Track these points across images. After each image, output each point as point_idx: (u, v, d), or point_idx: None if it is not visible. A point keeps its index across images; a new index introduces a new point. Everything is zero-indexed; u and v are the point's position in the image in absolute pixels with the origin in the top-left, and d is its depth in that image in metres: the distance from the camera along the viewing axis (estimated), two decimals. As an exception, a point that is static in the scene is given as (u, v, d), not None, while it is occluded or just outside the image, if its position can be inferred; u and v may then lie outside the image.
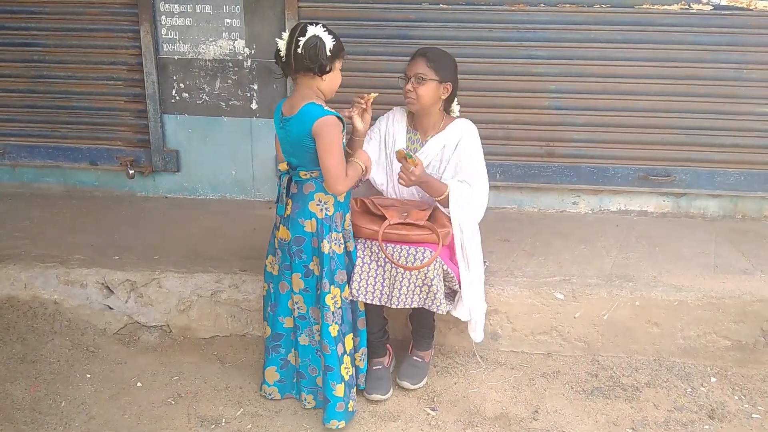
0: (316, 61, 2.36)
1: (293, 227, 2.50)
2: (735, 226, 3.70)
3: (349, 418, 2.56)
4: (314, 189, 2.47)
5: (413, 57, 2.67)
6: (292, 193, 2.50)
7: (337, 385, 2.50)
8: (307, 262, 2.51)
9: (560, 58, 3.71)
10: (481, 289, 2.74)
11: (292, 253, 2.51)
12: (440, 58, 2.65)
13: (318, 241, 2.48)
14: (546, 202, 3.95)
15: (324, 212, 2.48)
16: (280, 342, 2.64)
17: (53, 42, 4.09)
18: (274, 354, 2.66)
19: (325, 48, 2.36)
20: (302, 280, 2.53)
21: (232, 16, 3.89)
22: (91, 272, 3.16)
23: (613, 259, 3.24)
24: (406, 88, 2.65)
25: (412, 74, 2.63)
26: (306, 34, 2.36)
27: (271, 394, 2.70)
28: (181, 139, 4.12)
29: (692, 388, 2.75)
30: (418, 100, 2.64)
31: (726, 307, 2.84)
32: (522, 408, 2.66)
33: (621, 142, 3.77)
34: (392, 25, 3.80)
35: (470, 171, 2.69)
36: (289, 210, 2.51)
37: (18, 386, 2.78)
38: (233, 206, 4.06)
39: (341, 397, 2.50)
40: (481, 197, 2.72)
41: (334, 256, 2.50)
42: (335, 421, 2.51)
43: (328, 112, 2.39)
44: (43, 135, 4.23)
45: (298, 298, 2.55)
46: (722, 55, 3.60)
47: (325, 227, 2.47)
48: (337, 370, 2.50)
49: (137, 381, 2.84)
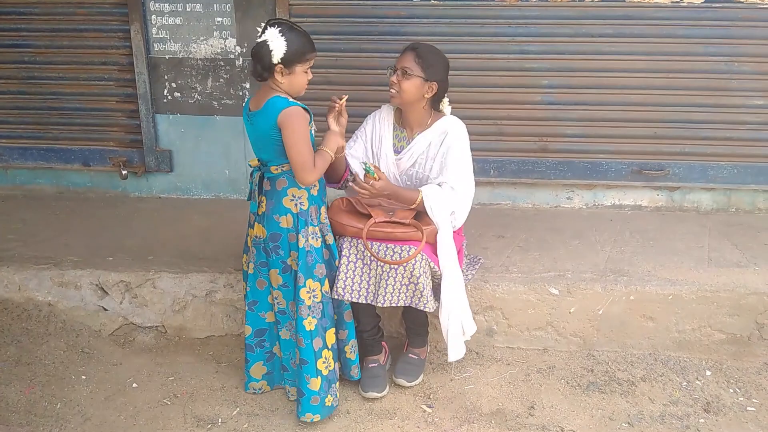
0: (264, 65, 2.37)
1: (268, 224, 2.50)
2: (729, 219, 3.70)
3: (327, 412, 2.55)
4: (287, 184, 2.48)
5: (404, 50, 2.66)
6: (265, 190, 2.51)
7: (312, 379, 2.50)
8: (284, 258, 2.51)
9: (552, 53, 3.70)
10: (463, 300, 2.62)
11: (269, 249, 2.52)
12: (430, 55, 2.63)
13: (295, 236, 2.49)
14: (540, 198, 3.95)
15: (299, 207, 2.48)
16: (264, 336, 2.66)
17: (43, 43, 4.07)
18: (258, 349, 2.67)
19: (271, 56, 2.35)
20: (280, 276, 2.53)
21: (223, 14, 3.87)
22: (85, 273, 3.15)
23: (608, 254, 3.24)
24: (390, 80, 2.63)
25: (399, 67, 2.61)
26: (261, 37, 2.38)
27: (261, 389, 2.71)
28: (174, 138, 4.11)
29: (687, 381, 2.76)
30: (399, 94, 2.62)
31: (720, 301, 2.85)
32: (518, 404, 2.66)
33: (614, 136, 3.77)
34: (384, 22, 3.79)
35: (455, 173, 2.64)
36: (264, 207, 2.51)
37: (13, 388, 2.77)
38: (227, 206, 4.05)
39: (316, 391, 2.51)
40: (464, 202, 2.66)
41: (311, 249, 2.50)
42: (309, 414, 2.52)
43: (292, 104, 2.40)
44: (35, 137, 4.22)
45: (277, 294, 2.57)
46: (714, 48, 3.60)
47: (300, 222, 2.48)
48: (312, 363, 2.51)
49: (133, 382, 2.83)
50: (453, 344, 2.62)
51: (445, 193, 2.63)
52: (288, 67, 2.38)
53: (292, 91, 2.45)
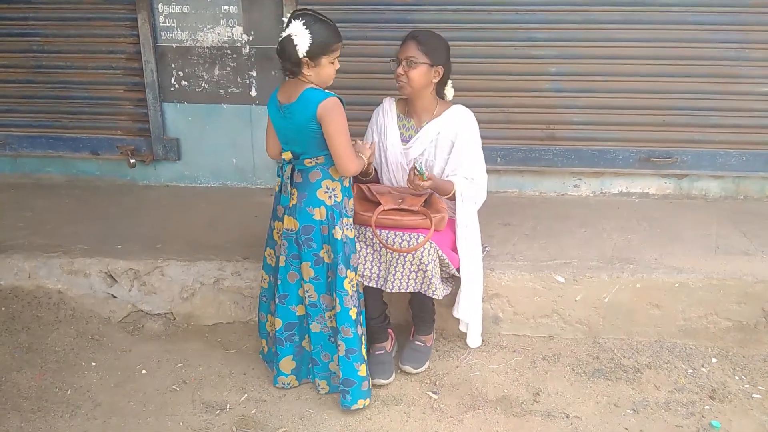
0: (290, 59, 2.35)
1: (301, 216, 2.48)
2: (737, 207, 3.69)
3: (370, 396, 2.60)
4: (321, 177, 2.46)
5: (404, 40, 2.66)
6: (297, 182, 2.49)
7: (361, 366, 2.53)
8: (317, 251, 2.50)
9: (560, 40, 3.69)
10: (480, 287, 2.75)
11: (301, 242, 2.50)
12: (431, 40, 2.63)
13: (329, 229, 2.48)
14: (547, 186, 3.94)
15: (333, 199, 2.48)
16: (294, 330, 2.64)
17: (51, 32, 4.08)
18: (288, 344, 2.65)
19: (296, 50, 2.32)
20: (312, 269, 2.52)
21: (230, 2, 3.87)
22: (95, 261, 3.18)
23: (615, 242, 3.24)
24: (397, 72, 2.64)
25: (404, 58, 2.62)
26: (286, 31, 2.35)
27: (290, 384, 2.70)
28: (181, 127, 4.12)
29: (693, 369, 2.77)
30: (409, 84, 2.63)
31: (727, 289, 2.85)
32: (523, 390, 2.68)
33: (622, 124, 3.76)
34: (390, 9, 3.78)
35: (471, 165, 2.71)
36: (295, 199, 2.49)
37: (24, 375, 2.81)
38: (234, 194, 4.06)
39: (365, 376, 2.55)
40: (482, 189, 2.76)
41: (347, 240, 2.50)
42: (361, 401, 2.55)
43: (329, 94, 2.38)
44: (44, 125, 4.24)
45: (308, 287, 2.55)
46: (723, 35, 3.57)
47: (335, 214, 2.47)
48: (359, 351, 2.53)
49: (142, 368, 2.86)
50: (475, 330, 2.76)
51: (472, 186, 2.71)
52: (314, 59, 2.35)
53: (320, 82, 2.42)
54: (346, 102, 2.44)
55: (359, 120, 2.96)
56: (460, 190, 2.68)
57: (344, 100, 2.43)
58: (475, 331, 2.78)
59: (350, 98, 3.62)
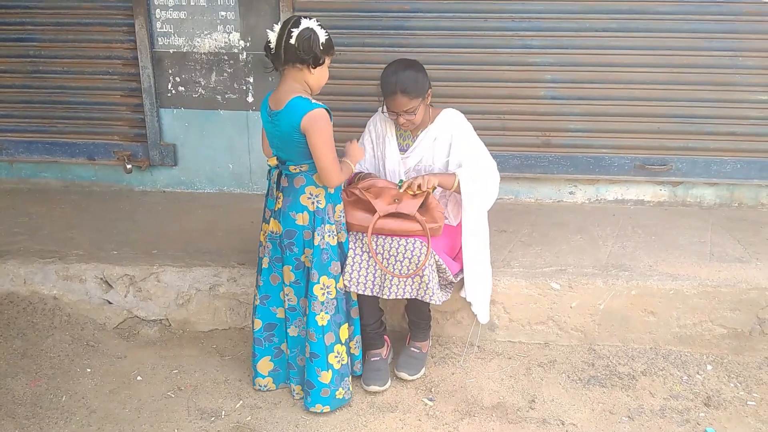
0: (310, 53, 2.36)
1: (284, 220, 2.51)
2: (731, 215, 3.70)
3: (337, 404, 2.58)
4: (305, 182, 2.48)
5: (391, 95, 2.61)
6: (283, 186, 2.52)
7: (322, 372, 2.53)
8: (298, 255, 2.53)
9: (556, 48, 3.70)
10: (488, 269, 2.81)
11: (284, 246, 2.53)
12: (414, 82, 2.61)
13: (310, 234, 2.49)
14: (543, 192, 3.96)
15: (315, 205, 2.49)
16: (274, 331, 2.67)
17: (48, 37, 4.08)
18: (267, 344, 2.68)
19: (319, 41, 2.37)
20: (293, 273, 2.55)
21: (227, 8, 3.88)
22: (90, 267, 3.17)
23: (610, 249, 3.25)
24: (399, 122, 2.67)
25: (401, 111, 2.63)
26: (300, 26, 2.36)
27: (266, 386, 2.72)
28: (178, 132, 4.12)
29: (688, 376, 2.77)
30: (413, 122, 2.68)
31: (722, 296, 2.86)
32: (519, 397, 2.68)
33: (617, 131, 3.77)
34: (387, 16, 3.79)
35: (474, 159, 2.73)
36: (281, 203, 2.52)
37: (19, 381, 2.80)
38: (231, 200, 4.06)
39: (326, 383, 2.54)
40: (493, 174, 2.77)
41: (327, 247, 2.51)
42: (319, 405, 2.55)
43: (316, 105, 2.38)
44: (40, 130, 4.24)
45: (288, 290, 2.58)
46: (718, 43, 3.60)
47: (317, 219, 2.49)
48: (323, 357, 2.53)
49: (137, 375, 2.86)
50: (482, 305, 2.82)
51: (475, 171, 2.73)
52: (323, 55, 2.40)
53: (317, 85, 2.45)
54: (344, 108, 2.45)
55: (356, 126, 2.97)
56: (464, 178, 2.67)
57: (331, 111, 2.42)
58: (483, 308, 2.82)
59: (347, 105, 3.67)
